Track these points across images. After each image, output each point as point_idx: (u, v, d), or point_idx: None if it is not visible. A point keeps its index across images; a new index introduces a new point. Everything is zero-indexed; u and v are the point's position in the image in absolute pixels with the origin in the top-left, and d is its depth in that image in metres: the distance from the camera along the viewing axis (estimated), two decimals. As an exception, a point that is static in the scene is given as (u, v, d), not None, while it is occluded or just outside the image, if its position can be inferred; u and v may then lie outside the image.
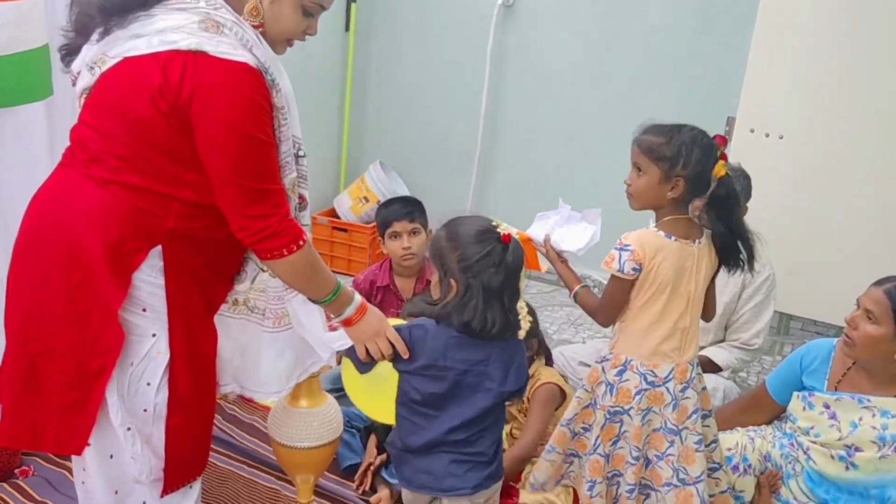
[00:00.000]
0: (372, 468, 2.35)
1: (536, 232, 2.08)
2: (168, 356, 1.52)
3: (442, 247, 1.72)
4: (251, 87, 1.41)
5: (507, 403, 1.84)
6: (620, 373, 1.93)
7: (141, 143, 1.44)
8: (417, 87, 4.27)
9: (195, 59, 1.37)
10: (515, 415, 2.52)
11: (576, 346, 3.10)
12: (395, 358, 1.73)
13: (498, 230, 1.70)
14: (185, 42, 1.37)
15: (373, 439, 2.43)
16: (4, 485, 2.23)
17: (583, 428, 2.02)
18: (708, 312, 2.02)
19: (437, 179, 4.28)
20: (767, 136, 3.30)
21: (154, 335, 1.51)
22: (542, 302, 3.88)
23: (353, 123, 4.39)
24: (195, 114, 1.39)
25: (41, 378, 1.51)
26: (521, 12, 3.94)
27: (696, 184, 1.84)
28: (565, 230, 2.12)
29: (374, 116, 4.44)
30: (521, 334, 1.72)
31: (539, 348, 2.56)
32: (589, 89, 3.87)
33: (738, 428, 2.28)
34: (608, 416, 1.95)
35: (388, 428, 2.44)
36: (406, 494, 1.86)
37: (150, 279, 1.49)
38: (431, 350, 1.71)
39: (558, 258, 2.04)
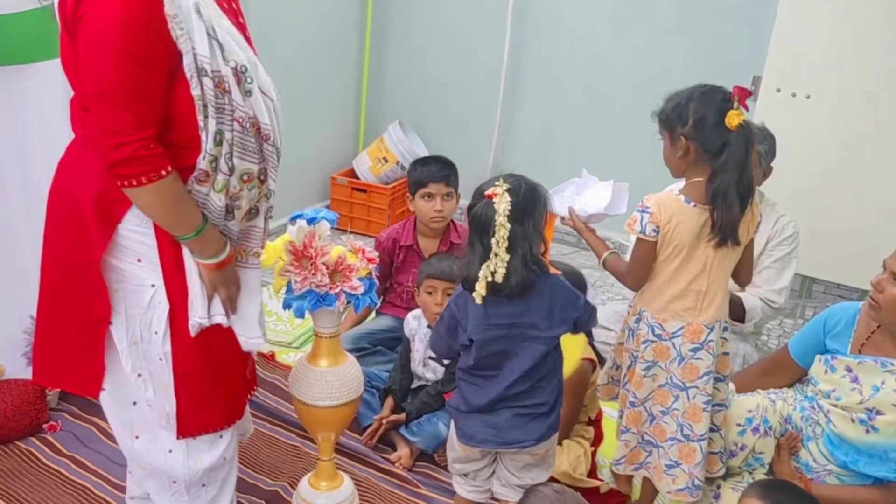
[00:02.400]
0: (384, 426, 2.37)
1: (555, 206, 2.07)
2: (168, 306, 1.58)
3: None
4: None
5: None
6: (637, 321, 1.98)
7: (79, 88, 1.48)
8: (437, 45, 4.22)
9: None
10: None
11: (600, 308, 3.08)
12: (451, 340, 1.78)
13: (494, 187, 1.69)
14: None
15: (389, 400, 2.45)
16: (33, 439, 2.28)
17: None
18: (741, 277, 2.01)
19: (458, 139, 4.24)
20: (794, 95, 3.23)
21: (153, 285, 1.58)
22: (561, 264, 3.86)
23: (371, 83, 4.35)
24: (77, 23, 1.39)
25: (58, 324, 1.64)
26: (544, -33, 3.86)
27: (705, 141, 1.78)
28: (585, 196, 2.14)
29: (392, 76, 4.39)
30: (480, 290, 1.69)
31: None
32: (612, 45, 3.80)
33: (760, 391, 2.27)
34: (631, 359, 2.01)
35: (405, 389, 2.47)
36: (456, 453, 1.89)
37: (139, 229, 1.55)
38: (474, 314, 1.73)
39: (585, 227, 2.08)
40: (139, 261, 1.56)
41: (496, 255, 1.67)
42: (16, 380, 2.30)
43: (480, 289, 1.69)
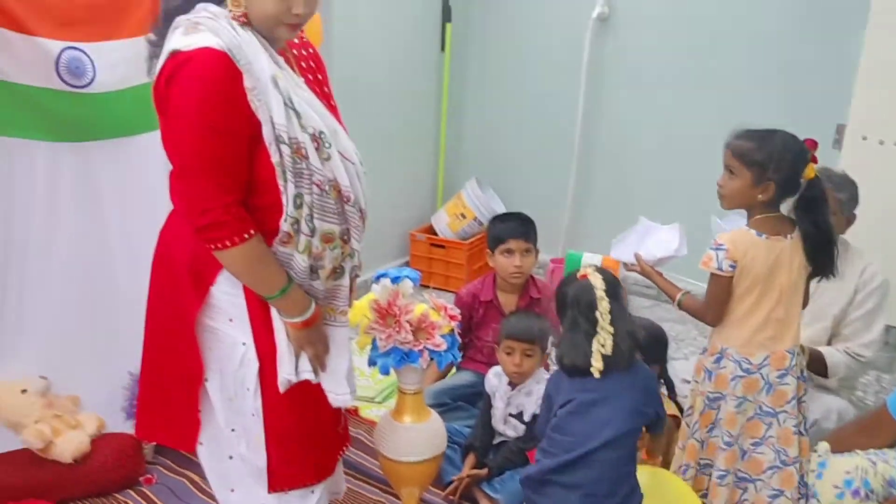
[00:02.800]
0: (466, 482, 2.37)
1: (622, 254, 2.24)
2: (258, 363, 1.64)
3: None
4: (207, 69, 1.44)
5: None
6: (717, 360, 2.03)
7: None
8: (512, 103, 4.29)
9: (172, 59, 1.46)
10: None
11: (678, 363, 3.03)
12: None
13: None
14: (166, 49, 1.48)
15: (470, 457, 2.45)
16: (130, 492, 2.37)
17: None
18: (803, 303, 2.09)
19: (534, 195, 4.27)
20: (882, 143, 3.14)
21: (244, 344, 1.65)
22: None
23: (449, 141, 4.45)
24: (165, 103, 1.49)
25: (158, 381, 1.74)
26: (617, 24, 3.90)
27: (787, 186, 1.94)
28: (650, 242, 2.25)
29: (470, 134, 4.48)
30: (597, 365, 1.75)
31: (661, 376, 2.47)
32: (689, 99, 3.79)
33: (858, 451, 2.17)
34: (707, 402, 2.04)
35: (486, 445, 2.47)
36: None
37: (230, 290, 1.62)
38: (566, 392, 1.80)
39: (654, 271, 2.20)
40: (231, 320, 1.64)
41: (602, 328, 1.75)
42: (114, 433, 2.41)
43: (596, 362, 1.75)
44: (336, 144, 1.60)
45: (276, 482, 1.72)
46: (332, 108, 1.72)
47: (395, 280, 1.93)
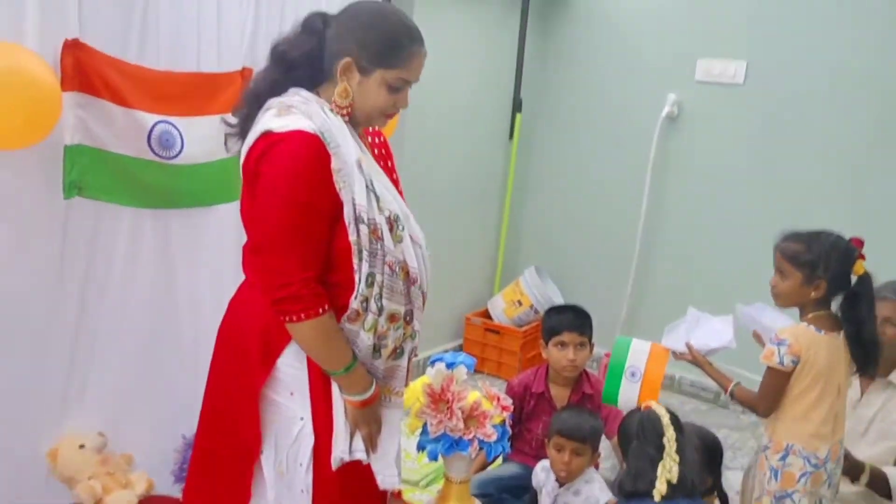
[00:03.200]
0: None
1: (673, 343, 2.27)
2: (313, 439, 1.65)
3: None
4: (300, 150, 1.52)
5: None
6: (783, 457, 2.05)
7: None
8: (576, 194, 4.34)
9: (264, 139, 1.55)
10: None
11: (732, 473, 2.92)
12: None
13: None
14: (258, 129, 1.57)
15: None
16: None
17: None
18: None
19: (592, 286, 4.26)
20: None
21: (302, 418, 1.66)
22: (698, 423, 3.70)
23: (511, 227, 4.50)
24: (257, 180, 1.56)
25: (213, 449, 1.76)
26: (686, 123, 3.94)
27: (838, 283, 2.04)
28: (702, 332, 2.27)
29: (531, 221, 4.53)
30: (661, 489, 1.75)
31: (714, 488, 2.39)
32: (753, 199, 3.78)
33: None
34: (774, 501, 2.05)
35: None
36: None
37: (295, 364, 1.66)
38: None
39: (705, 360, 2.23)
40: (291, 394, 1.67)
41: (668, 455, 1.78)
42: (162, 496, 2.43)
43: (660, 485, 1.76)
44: (408, 228, 1.66)
45: None
46: (401, 194, 1.79)
47: (451, 365, 1.94)
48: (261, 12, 2.52)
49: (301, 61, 1.62)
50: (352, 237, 1.57)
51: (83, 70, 2.06)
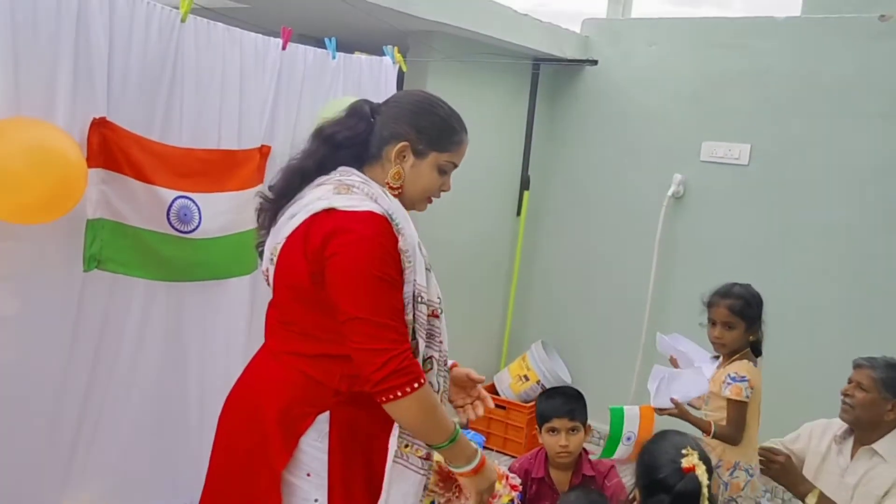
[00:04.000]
0: None
1: (660, 402, 2.55)
2: None
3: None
4: (375, 230, 1.55)
5: None
6: (732, 472, 2.50)
7: (301, 306, 1.63)
8: (583, 270, 4.38)
9: (328, 215, 1.57)
10: None
11: None
12: None
13: (682, 459, 1.79)
14: (320, 204, 1.58)
15: None
16: None
17: None
18: None
19: (600, 363, 4.26)
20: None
21: (316, 500, 1.60)
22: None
23: (518, 302, 4.52)
24: (328, 258, 1.55)
25: None
26: (692, 203, 4.02)
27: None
28: (679, 386, 2.57)
29: (538, 297, 4.56)
30: None
31: None
32: (760, 281, 3.77)
33: None
34: None
35: None
36: None
37: (315, 444, 1.61)
38: None
39: (687, 411, 2.55)
40: (308, 475, 1.61)
41: None
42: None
43: None
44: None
45: None
46: None
47: (460, 444, 1.93)
48: (280, 93, 2.61)
49: (348, 143, 1.68)
50: (408, 316, 1.59)
51: (108, 147, 2.13)
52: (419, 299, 1.61)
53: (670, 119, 4.06)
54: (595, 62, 4.27)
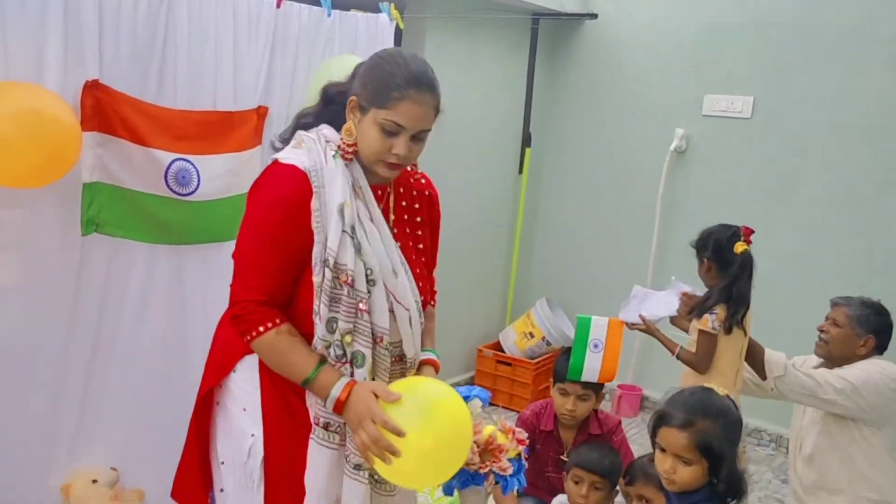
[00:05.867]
0: None
1: (627, 316, 2.65)
2: (262, 457, 1.67)
3: None
4: (283, 182, 1.59)
5: None
6: None
7: None
8: (586, 227, 4.36)
9: (269, 167, 1.65)
10: None
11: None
12: None
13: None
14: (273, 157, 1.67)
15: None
16: None
17: None
18: None
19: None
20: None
21: (252, 435, 1.68)
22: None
23: (521, 260, 4.51)
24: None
25: (186, 453, 1.84)
26: (694, 157, 3.98)
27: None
28: (651, 304, 2.66)
29: (542, 254, 4.55)
30: None
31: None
32: (762, 236, 3.76)
33: None
34: None
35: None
36: None
37: (248, 378, 1.70)
38: None
39: (655, 328, 2.64)
40: (244, 410, 1.71)
41: None
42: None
43: None
44: (389, 286, 1.66)
45: None
46: (416, 251, 1.81)
47: (465, 399, 1.93)
48: (275, 52, 2.57)
49: (338, 98, 1.69)
50: (315, 278, 1.59)
51: (102, 110, 2.11)
52: (326, 263, 1.58)
53: (672, 73, 4.00)
54: (595, 16, 4.20)
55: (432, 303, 1.95)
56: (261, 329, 1.59)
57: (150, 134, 2.20)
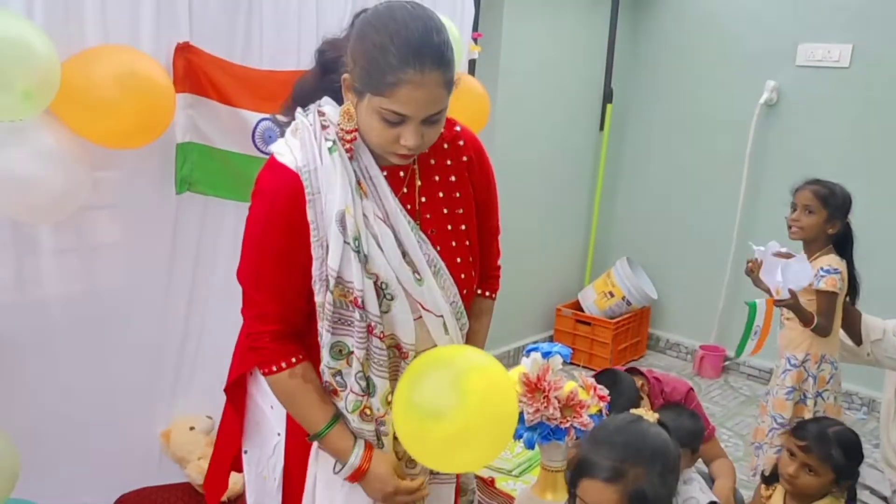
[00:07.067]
0: None
1: (786, 292, 2.49)
2: (283, 456, 1.58)
3: None
4: (275, 187, 1.36)
5: None
6: (819, 365, 2.53)
7: None
8: (669, 185, 4.27)
9: (269, 160, 1.42)
10: None
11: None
12: None
13: None
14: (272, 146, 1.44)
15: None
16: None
17: None
18: None
19: (686, 279, 4.18)
20: None
21: (279, 434, 1.59)
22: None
23: (602, 219, 4.46)
24: None
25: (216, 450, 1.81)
26: (786, 111, 3.82)
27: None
28: (791, 275, 2.48)
29: (623, 213, 4.48)
30: None
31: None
32: (860, 195, 3.60)
33: None
34: (811, 399, 2.52)
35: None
36: None
37: None
38: None
39: (800, 303, 2.50)
40: (272, 407, 1.57)
41: None
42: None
43: None
44: (417, 294, 1.43)
45: None
46: (458, 234, 1.51)
47: (546, 355, 1.94)
48: (358, 8, 2.57)
49: (332, 65, 1.40)
50: (317, 298, 1.38)
51: (193, 72, 2.17)
52: (327, 282, 1.36)
53: (763, 20, 3.82)
54: (682, -37, 4.05)
55: (488, 293, 1.70)
56: (274, 368, 1.42)
57: (237, 94, 2.26)
